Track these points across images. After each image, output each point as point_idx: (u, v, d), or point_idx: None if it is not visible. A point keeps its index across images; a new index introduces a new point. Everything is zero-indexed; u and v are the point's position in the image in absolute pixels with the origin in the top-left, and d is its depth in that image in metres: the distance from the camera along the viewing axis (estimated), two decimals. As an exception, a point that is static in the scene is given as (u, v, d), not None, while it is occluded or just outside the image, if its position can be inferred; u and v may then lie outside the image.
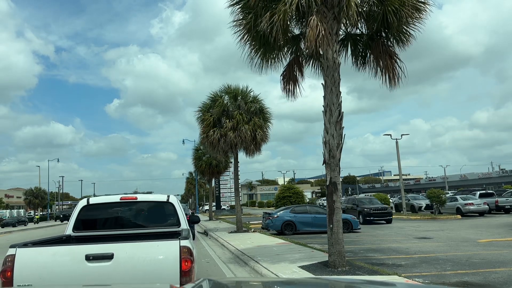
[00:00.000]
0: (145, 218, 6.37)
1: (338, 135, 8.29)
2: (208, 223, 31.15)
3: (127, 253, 4.37)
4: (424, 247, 13.42)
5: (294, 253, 10.83)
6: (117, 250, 4.34)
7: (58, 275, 4.22)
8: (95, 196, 7.99)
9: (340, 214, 8.13)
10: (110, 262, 4.24)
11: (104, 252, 4.27)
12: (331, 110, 8.34)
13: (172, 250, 4.37)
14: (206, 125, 19.53)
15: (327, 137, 8.30)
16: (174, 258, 4.33)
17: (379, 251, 12.55)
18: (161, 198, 6.34)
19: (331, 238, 8.04)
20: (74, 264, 4.24)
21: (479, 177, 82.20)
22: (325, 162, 8.30)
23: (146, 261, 4.35)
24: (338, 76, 8.47)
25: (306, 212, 20.08)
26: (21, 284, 4.12)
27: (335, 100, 8.36)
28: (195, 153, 35.91)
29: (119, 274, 4.25)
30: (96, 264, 4.23)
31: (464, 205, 27.90)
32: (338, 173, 8.23)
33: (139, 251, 4.43)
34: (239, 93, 20.00)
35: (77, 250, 4.35)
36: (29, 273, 4.18)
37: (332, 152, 8.20)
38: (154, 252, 4.43)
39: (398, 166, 32.84)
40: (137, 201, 6.32)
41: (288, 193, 28.63)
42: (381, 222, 24.39)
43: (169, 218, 6.18)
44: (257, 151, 20.17)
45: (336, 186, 8.16)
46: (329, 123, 8.31)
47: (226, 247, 13.79)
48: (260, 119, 19.75)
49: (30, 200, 78.16)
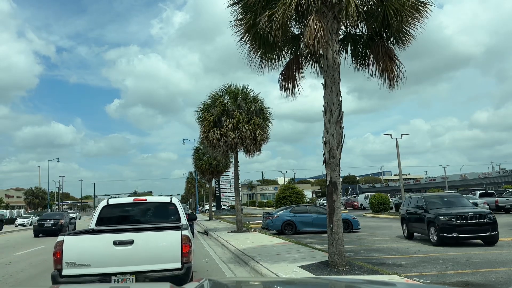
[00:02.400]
0: (152, 215, 7.84)
1: (338, 135, 8.28)
2: (208, 223, 31.16)
3: (143, 240, 5.89)
4: (423, 247, 13.40)
5: (294, 253, 10.83)
6: (136, 237, 5.86)
7: (94, 255, 5.75)
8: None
9: (340, 214, 8.13)
10: (131, 246, 5.77)
11: (127, 239, 5.80)
12: (331, 110, 8.33)
13: (176, 238, 5.90)
14: (206, 125, 19.52)
15: (327, 137, 8.30)
16: (177, 243, 5.86)
17: (379, 250, 12.55)
18: (165, 200, 8.05)
19: (331, 238, 8.04)
20: (105, 247, 5.77)
21: (479, 177, 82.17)
22: (325, 162, 8.29)
23: (157, 245, 5.92)
24: (338, 76, 8.46)
25: (306, 212, 20.09)
26: (68, 261, 5.65)
27: (335, 100, 8.36)
28: (195, 153, 35.91)
29: (137, 254, 5.78)
30: (121, 247, 5.75)
31: (464, 205, 27.78)
32: (338, 173, 8.22)
33: (152, 238, 6.00)
34: (239, 92, 19.99)
35: (107, 238, 5.89)
36: (73, 253, 5.71)
37: (332, 152, 8.20)
38: (162, 239, 6.01)
39: (398, 166, 32.86)
40: (146, 202, 8.08)
41: (288, 193, 28.65)
42: (476, 241, 13.32)
43: (172, 215, 7.62)
44: (257, 151, 20.17)
45: (336, 186, 8.15)
46: (329, 123, 8.31)
47: (226, 246, 13.80)
48: (260, 118, 19.75)
49: (30, 200, 78.30)
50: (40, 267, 11.46)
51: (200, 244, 16.35)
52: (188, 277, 5.84)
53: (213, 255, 12.70)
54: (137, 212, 7.86)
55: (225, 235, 18.26)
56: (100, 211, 7.54)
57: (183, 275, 5.77)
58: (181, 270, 5.84)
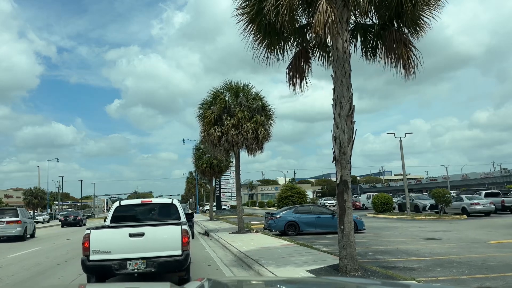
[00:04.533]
0: (157, 214, 9.21)
1: (349, 130, 7.74)
2: (208, 223, 30.61)
3: (152, 233, 7.33)
4: (434, 248, 12.87)
5: (300, 256, 10.28)
6: (146, 231, 7.27)
7: (113, 244, 7.17)
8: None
9: (351, 215, 7.58)
10: (143, 238, 7.17)
11: (139, 232, 7.23)
12: (342, 103, 7.79)
13: (177, 231, 7.34)
14: (206, 122, 18.97)
15: (337, 132, 7.75)
16: (178, 235, 7.27)
17: (388, 253, 12.01)
18: (167, 201, 9.51)
19: (342, 241, 7.49)
20: (123, 238, 7.18)
21: (481, 176, 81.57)
22: (335, 159, 7.75)
23: (162, 237, 7.38)
24: (348, 67, 7.92)
25: (310, 212, 19.54)
26: (94, 249, 7.05)
27: (346, 93, 7.81)
28: (195, 152, 35.36)
29: (148, 243, 7.16)
30: (134, 238, 7.15)
31: (470, 205, 27.33)
32: (349, 170, 7.68)
33: (158, 231, 7.49)
34: (241, 89, 19.43)
35: (124, 231, 7.29)
36: (98, 243, 7.13)
37: (342, 148, 7.65)
38: (167, 232, 7.49)
39: (402, 165, 32.30)
40: (151, 203, 9.61)
41: (290, 193, 28.07)
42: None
43: (173, 214, 8.99)
44: (259, 150, 19.61)
45: (347, 184, 7.61)
46: (339, 117, 7.76)
47: (228, 248, 13.24)
48: (262, 116, 19.18)
49: (30, 200, 77.54)
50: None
51: (201, 245, 15.80)
52: (186, 262, 7.29)
53: (215, 257, 12.15)
54: (144, 211, 9.28)
55: (227, 236, 17.71)
56: (114, 210, 8.96)
57: (183, 260, 7.21)
58: (181, 256, 7.22)
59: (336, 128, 7.79)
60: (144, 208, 9.32)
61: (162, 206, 9.35)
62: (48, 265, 11.80)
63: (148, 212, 9.27)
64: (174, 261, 7.11)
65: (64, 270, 10.75)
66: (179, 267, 7.24)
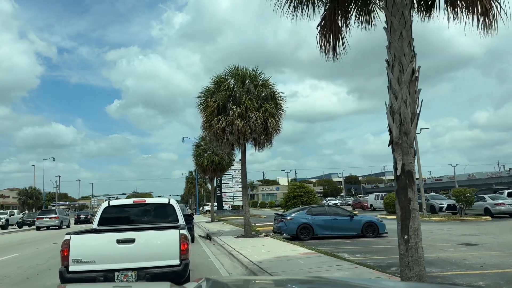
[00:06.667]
0: (152, 216, 8.11)
1: (413, 101, 5.58)
2: (210, 225, 28.40)
3: (144, 238, 6.30)
4: (483, 257, 10.73)
5: (331, 270, 8.08)
6: (138, 236, 6.25)
7: (98, 252, 6.13)
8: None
9: (418, 220, 5.41)
10: (133, 244, 6.15)
11: (129, 237, 6.19)
12: (402, 64, 5.62)
13: (174, 236, 6.32)
14: (209, 112, 16.78)
15: (396, 104, 5.58)
16: (176, 241, 6.27)
17: (433, 263, 9.84)
18: (164, 201, 8.32)
19: (406, 256, 5.32)
20: (109, 245, 6.16)
21: (488, 176, 79.77)
22: (392, 142, 5.58)
23: (157, 243, 6.36)
24: (409, 15, 5.78)
25: (325, 213, 17.39)
26: (74, 258, 6.02)
27: (407, 50, 5.65)
28: (195, 149, 33.20)
29: (139, 251, 6.14)
30: (123, 245, 6.14)
31: (494, 205, 25.20)
32: (413, 157, 5.51)
33: (152, 237, 6.45)
34: (248, 75, 17.21)
35: (111, 236, 6.24)
36: (79, 251, 6.08)
37: (404, 126, 5.49)
38: (162, 237, 6.46)
39: (418, 163, 30.12)
40: (146, 203, 8.39)
41: (298, 192, 25.81)
42: None
43: (170, 216, 7.92)
44: (268, 144, 17.42)
45: (412, 177, 5.45)
46: (399, 83, 5.60)
47: (236, 257, 11.06)
48: (272, 106, 17.01)
49: (24, 200, 75.22)
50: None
51: (203, 252, 13.61)
52: (186, 273, 6.19)
53: (221, 269, 9.96)
54: (137, 213, 8.16)
55: (232, 240, 15.53)
56: (102, 212, 7.82)
57: (181, 271, 6.11)
58: (179, 267, 6.13)
59: (394, 98, 5.62)
60: (136, 209, 8.25)
61: (158, 207, 8.33)
62: (15, 279, 9.60)
63: (141, 213, 8.21)
64: (170, 272, 6.05)
65: (34, 287, 8.61)
66: (177, 279, 5.92)
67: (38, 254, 14.76)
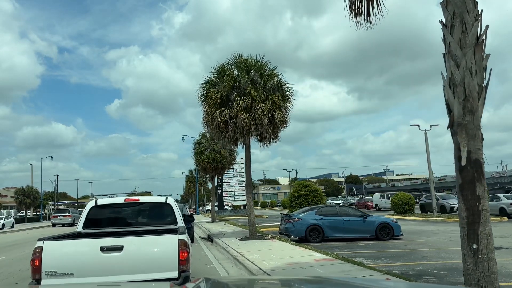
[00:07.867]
0: (146, 217, 7.13)
1: (480, 71, 4.31)
2: (211, 225, 27.12)
3: (135, 245, 5.18)
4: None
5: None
6: (126, 243, 5.14)
7: (78, 263, 5.00)
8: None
9: (489, 224, 4.16)
10: (121, 253, 5.03)
11: (116, 245, 5.06)
12: (465, 23, 4.35)
13: (172, 243, 5.19)
14: (211, 104, 15.51)
15: (457, 74, 4.31)
16: (174, 249, 5.14)
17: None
18: (160, 200, 7.30)
19: (474, 270, 4.05)
20: (91, 254, 5.04)
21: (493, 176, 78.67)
22: (453, 124, 4.32)
23: (151, 252, 5.20)
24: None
25: (336, 214, 16.12)
26: (48, 270, 4.88)
27: (471, 5, 4.39)
28: (196, 147, 31.98)
29: (128, 262, 5.06)
30: (109, 254, 5.01)
31: (510, 205, 23.99)
32: (480, 142, 4.25)
33: (145, 244, 5.28)
34: (253, 65, 15.93)
35: (93, 243, 5.16)
36: (54, 261, 4.96)
37: (470, 101, 4.22)
38: (157, 244, 5.26)
39: (428, 161, 28.88)
40: (139, 202, 7.25)
41: (304, 191, 24.53)
42: None
43: (168, 217, 6.94)
44: (275, 138, 16.16)
45: (481, 167, 4.19)
46: (460, 47, 4.33)
47: (242, 263, 9.79)
48: (279, 97, 15.74)
49: (21, 200, 73.84)
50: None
51: (204, 256, 12.33)
52: None
53: (226, 277, 8.69)
54: (129, 214, 7.14)
55: (236, 243, 14.26)
56: (88, 212, 6.77)
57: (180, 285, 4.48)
58: (177, 280, 5.05)
59: (455, 66, 4.34)
60: (128, 210, 7.14)
61: (153, 207, 7.24)
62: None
63: (134, 214, 7.12)
64: None
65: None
66: None
67: (24, 258, 13.47)
